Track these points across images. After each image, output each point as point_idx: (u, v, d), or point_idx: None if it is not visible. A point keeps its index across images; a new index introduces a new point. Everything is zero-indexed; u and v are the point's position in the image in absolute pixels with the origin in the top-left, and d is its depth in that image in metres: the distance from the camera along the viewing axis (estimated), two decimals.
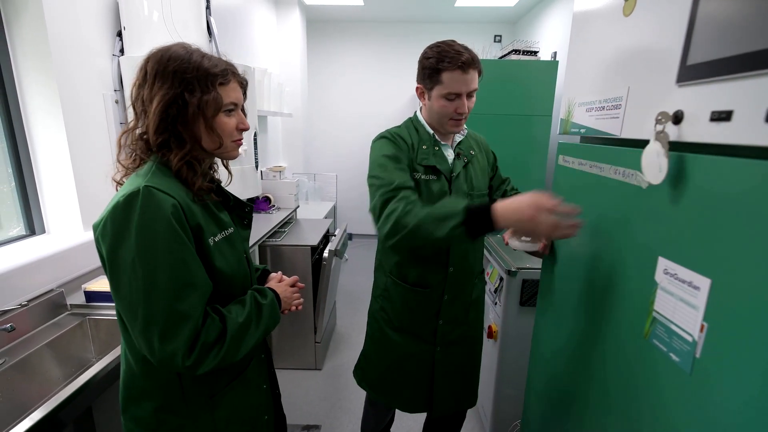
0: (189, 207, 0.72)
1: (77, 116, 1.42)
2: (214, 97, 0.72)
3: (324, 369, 2.46)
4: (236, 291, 0.84)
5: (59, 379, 1.21)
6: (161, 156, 0.74)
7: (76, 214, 1.43)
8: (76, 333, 1.28)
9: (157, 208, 0.66)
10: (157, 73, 0.71)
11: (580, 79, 0.90)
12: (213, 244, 0.77)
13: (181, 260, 0.68)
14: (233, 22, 2.65)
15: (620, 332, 0.71)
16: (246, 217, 0.93)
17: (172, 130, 0.72)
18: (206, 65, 0.72)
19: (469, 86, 1.05)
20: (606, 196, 0.77)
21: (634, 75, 0.70)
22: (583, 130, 0.87)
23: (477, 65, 1.04)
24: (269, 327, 0.86)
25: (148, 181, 0.69)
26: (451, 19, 4.26)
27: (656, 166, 0.60)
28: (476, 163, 1.21)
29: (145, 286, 0.66)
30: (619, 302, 0.72)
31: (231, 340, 0.75)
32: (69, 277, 1.35)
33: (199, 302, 0.71)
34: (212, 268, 0.77)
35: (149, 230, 0.66)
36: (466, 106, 1.07)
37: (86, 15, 1.44)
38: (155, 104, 0.70)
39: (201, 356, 0.70)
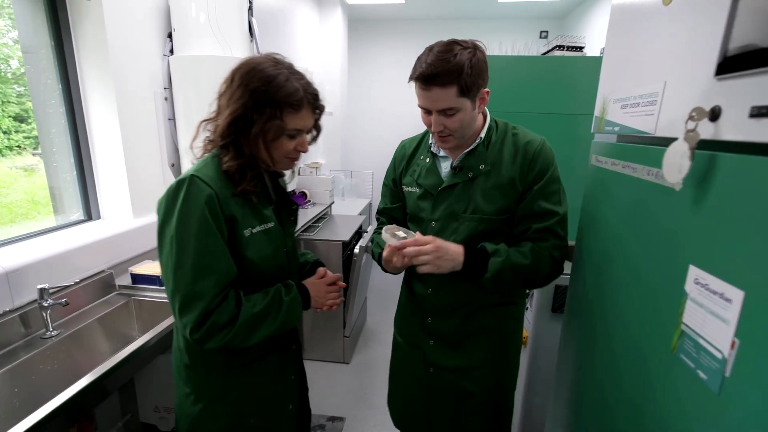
0: (226, 198, 0.79)
1: (130, 112, 1.54)
2: (278, 126, 0.79)
3: (352, 363, 2.50)
4: (268, 281, 0.89)
5: (107, 352, 1.33)
6: (222, 152, 0.83)
7: (127, 203, 1.56)
8: (123, 311, 1.39)
9: (195, 197, 0.76)
10: (239, 86, 0.78)
11: (616, 75, 0.85)
12: (249, 235, 0.83)
13: (205, 246, 0.76)
14: (276, 22, 2.75)
15: (647, 344, 0.66)
16: (292, 214, 1.00)
17: (234, 139, 0.81)
18: (284, 90, 0.78)
19: (433, 104, 0.87)
20: (639, 199, 0.72)
21: (671, 68, 0.65)
22: (617, 128, 0.82)
23: (443, 81, 0.82)
24: (286, 323, 0.88)
25: (197, 171, 0.79)
26: (495, 16, 4.15)
27: (676, 167, 0.55)
28: (488, 180, 0.96)
29: (175, 263, 0.76)
30: (647, 312, 0.67)
31: (241, 325, 0.80)
32: (118, 260, 1.48)
33: (215, 286, 0.78)
34: (243, 257, 0.83)
35: (186, 216, 0.76)
36: (437, 125, 0.89)
37: (141, 18, 1.56)
38: (227, 112, 0.79)
39: (209, 333, 0.78)
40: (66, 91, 1.46)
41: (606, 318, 0.82)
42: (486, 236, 0.98)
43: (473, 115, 0.91)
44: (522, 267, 0.93)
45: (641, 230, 0.71)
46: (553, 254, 0.94)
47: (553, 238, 0.95)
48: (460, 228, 0.99)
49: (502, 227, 0.98)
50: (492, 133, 0.99)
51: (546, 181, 0.95)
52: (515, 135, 0.99)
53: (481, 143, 0.97)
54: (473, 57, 0.84)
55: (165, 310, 1.40)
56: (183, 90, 1.61)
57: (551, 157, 0.97)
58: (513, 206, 0.97)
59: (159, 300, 1.41)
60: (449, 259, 0.91)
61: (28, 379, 1.08)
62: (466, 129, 0.93)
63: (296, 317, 0.91)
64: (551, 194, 0.95)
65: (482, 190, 0.96)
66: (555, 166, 0.97)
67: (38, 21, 1.38)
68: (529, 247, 0.95)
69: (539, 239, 0.95)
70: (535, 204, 0.95)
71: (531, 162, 0.95)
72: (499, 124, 1.01)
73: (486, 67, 0.88)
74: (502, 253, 0.93)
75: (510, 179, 0.95)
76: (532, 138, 0.98)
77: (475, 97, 0.88)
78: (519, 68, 2.20)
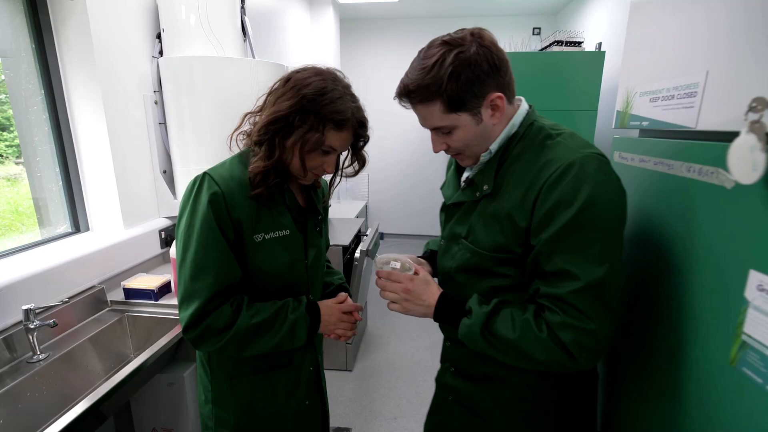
0: (234, 199, 0.77)
1: (118, 117, 1.45)
2: (317, 139, 0.77)
3: (355, 370, 2.43)
4: (281, 292, 0.86)
5: (100, 373, 1.25)
6: (255, 149, 0.81)
7: (117, 213, 1.48)
8: (116, 329, 1.31)
9: (203, 196, 0.76)
10: (292, 89, 0.77)
11: (642, 66, 0.80)
12: (260, 241, 0.81)
13: (205, 245, 0.75)
14: (267, 22, 2.68)
15: (701, 357, 0.61)
16: (318, 224, 0.95)
17: (271, 138, 0.78)
18: (332, 106, 0.76)
19: (423, 123, 0.76)
20: (676, 198, 0.67)
21: (715, 57, 0.60)
22: (645, 123, 0.77)
23: (421, 97, 0.69)
24: (285, 341, 0.82)
25: (213, 169, 0.80)
26: (489, 13, 4.12)
27: (748, 163, 0.50)
28: (489, 205, 0.76)
29: (181, 256, 0.77)
30: (697, 322, 0.62)
31: (235, 335, 0.78)
32: (109, 274, 1.39)
33: (211, 287, 0.76)
34: (251, 263, 0.81)
35: (193, 213, 0.76)
36: (437, 144, 0.77)
37: (127, 18, 1.48)
38: (271, 110, 0.77)
39: (202, 336, 0.76)
40: (49, 96, 1.37)
41: (650, 328, 0.77)
42: (482, 273, 0.78)
43: (482, 129, 0.72)
44: (504, 340, 0.70)
45: (681, 233, 0.66)
46: (561, 336, 0.65)
47: (566, 313, 0.65)
48: (457, 254, 0.83)
49: (501, 269, 0.75)
50: (515, 144, 0.75)
51: (566, 225, 0.64)
52: (544, 148, 0.71)
53: (492, 157, 0.77)
54: (461, 59, 0.66)
55: (161, 326, 1.32)
56: (174, 93, 1.54)
57: (586, 189, 0.63)
58: (514, 247, 0.72)
59: (155, 315, 1.33)
60: (420, 305, 0.80)
61: (15, 408, 0.99)
62: (474, 146, 0.75)
63: (300, 338, 0.84)
64: (574, 247, 0.64)
65: (482, 215, 0.77)
66: (592, 204, 0.63)
67: (17, 23, 1.29)
68: (524, 317, 0.70)
69: (547, 309, 0.68)
70: (545, 258, 0.67)
71: (541, 192, 0.67)
72: (531, 132, 0.74)
73: (492, 64, 0.68)
74: (478, 314, 0.72)
75: (507, 212, 0.71)
76: (558, 156, 0.67)
77: (476, 107, 0.69)
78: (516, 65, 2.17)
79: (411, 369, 2.43)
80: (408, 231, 4.92)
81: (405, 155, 4.69)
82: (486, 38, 0.68)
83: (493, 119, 0.72)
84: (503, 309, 0.73)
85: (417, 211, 4.84)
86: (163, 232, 1.63)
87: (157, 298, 1.35)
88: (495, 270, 0.76)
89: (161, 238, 1.62)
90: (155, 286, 1.35)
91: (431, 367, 2.44)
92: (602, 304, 0.64)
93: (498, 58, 0.68)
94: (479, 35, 0.68)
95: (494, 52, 0.68)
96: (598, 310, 0.64)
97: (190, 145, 1.57)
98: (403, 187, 4.79)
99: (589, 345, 0.65)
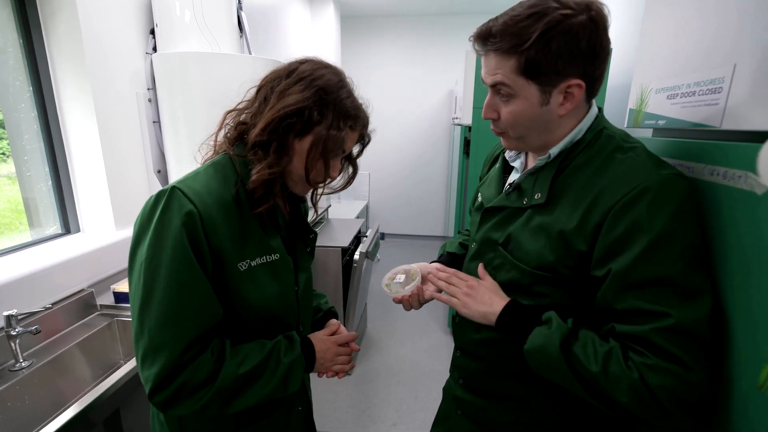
0: (212, 220, 0.62)
1: (110, 115, 1.41)
2: (341, 137, 0.67)
3: (353, 374, 2.39)
4: (268, 328, 0.71)
5: (89, 380, 1.21)
6: (251, 153, 0.67)
7: (109, 214, 1.43)
8: (105, 334, 1.27)
9: (173, 215, 0.60)
10: (302, 80, 0.66)
11: (659, 60, 0.75)
12: (245, 269, 0.67)
13: (178, 282, 0.60)
14: (267, 18, 2.63)
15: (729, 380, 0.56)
16: (309, 245, 0.82)
17: (280, 137, 0.65)
18: (350, 102, 0.68)
19: (485, 74, 0.65)
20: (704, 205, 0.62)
21: (744, 49, 0.54)
22: (662, 122, 0.72)
23: (499, 44, 0.59)
24: (279, 389, 0.69)
25: (183, 181, 0.63)
26: (490, 10, 4.05)
27: None
28: (539, 217, 0.67)
29: (142, 297, 0.60)
30: (723, 343, 0.57)
31: (219, 392, 0.63)
32: (100, 276, 1.35)
33: (184, 336, 0.60)
34: (236, 296, 0.67)
35: (160, 238, 0.59)
36: (488, 107, 0.67)
37: (119, 13, 1.43)
38: (281, 104, 0.64)
39: (176, 396, 0.60)
40: (38, 93, 1.33)
41: None
42: (516, 288, 0.71)
43: (544, 112, 0.62)
44: (583, 372, 0.59)
45: (710, 243, 0.60)
46: (647, 379, 0.55)
47: (657, 355, 0.55)
48: (494, 261, 0.75)
49: (539, 287, 0.67)
50: (579, 151, 0.65)
51: (641, 260, 0.55)
52: (613, 162, 0.61)
53: (550, 162, 0.67)
54: (561, 24, 0.56)
55: None
56: (168, 90, 1.49)
57: (666, 214, 0.55)
58: (562, 269, 0.64)
59: None
60: (482, 303, 0.71)
61: None
62: (525, 129, 0.65)
63: (295, 384, 0.71)
64: (653, 284, 0.55)
65: (527, 226, 0.68)
66: (676, 233, 0.55)
67: (4, 17, 1.25)
68: (607, 349, 0.59)
69: (632, 350, 0.58)
70: (618, 297, 0.58)
71: (609, 216, 0.58)
72: (599, 141, 0.64)
73: (591, 46, 0.57)
74: (560, 326, 0.62)
75: (561, 229, 0.62)
76: (630, 175, 0.58)
77: (550, 84, 0.60)
78: None
79: (410, 373, 2.38)
80: (409, 231, 4.87)
81: (406, 154, 4.64)
82: (598, 13, 0.57)
83: (561, 109, 0.62)
84: (582, 329, 0.63)
85: (418, 211, 4.79)
86: None
87: None
88: (533, 288, 0.68)
89: None
90: None
91: (431, 371, 2.40)
92: (699, 346, 0.54)
93: (601, 43, 0.58)
94: (592, 6, 0.57)
95: (600, 33, 0.58)
96: (695, 354, 0.54)
97: (184, 144, 1.53)
98: (404, 187, 4.74)
99: (688, 397, 0.55)
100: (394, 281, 0.80)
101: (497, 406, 0.80)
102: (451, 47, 4.25)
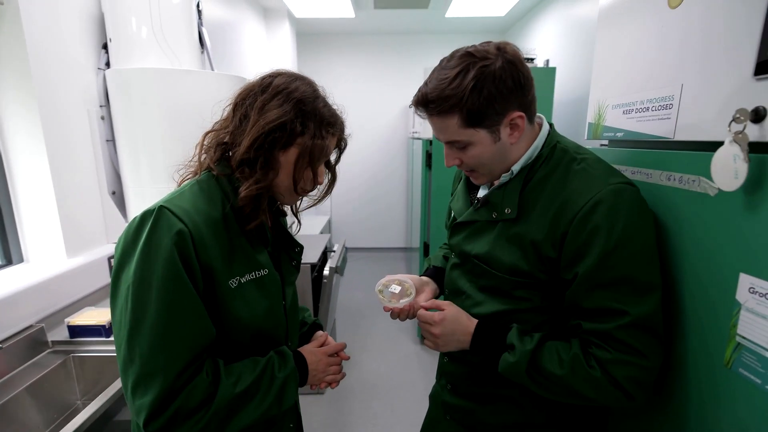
0: (203, 239, 0.62)
1: (59, 134, 1.31)
2: (327, 145, 0.69)
3: (327, 393, 2.33)
4: (255, 344, 0.71)
5: (41, 427, 1.08)
6: (237, 172, 0.66)
7: (59, 241, 1.31)
8: (59, 373, 1.15)
9: (162, 235, 0.59)
10: (281, 93, 0.66)
11: (612, 79, 0.84)
12: (235, 287, 0.66)
13: (172, 303, 0.58)
14: (223, 34, 2.58)
15: (698, 360, 0.62)
16: (295, 258, 0.82)
17: (267, 152, 0.65)
18: (328, 110, 0.70)
19: (438, 135, 0.72)
20: (658, 206, 0.70)
21: (688, 72, 0.63)
22: (620, 134, 0.81)
23: (439, 109, 0.66)
24: (275, 406, 0.68)
25: (169, 200, 0.62)
26: (442, 30, 4.26)
27: (731, 172, 0.53)
28: (511, 229, 0.73)
29: (131, 323, 0.58)
30: (690, 328, 0.64)
31: (216, 413, 0.61)
32: (50, 310, 1.23)
33: (179, 358, 0.59)
34: (227, 314, 0.66)
35: (149, 259, 0.58)
36: (449, 158, 0.74)
37: (68, 26, 1.35)
38: (263, 120, 0.64)
39: (172, 422, 0.58)
40: None
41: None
42: (497, 293, 0.76)
43: (499, 147, 0.69)
44: (551, 377, 0.67)
45: (670, 240, 0.68)
46: (613, 373, 0.63)
47: (617, 349, 0.63)
48: (477, 270, 0.79)
49: (518, 292, 0.73)
50: (539, 166, 0.72)
51: (603, 262, 0.62)
52: (569, 173, 0.69)
53: (515, 179, 0.73)
54: (485, 73, 0.63)
55: (114, 365, 1.18)
56: (125, 107, 1.41)
57: (622, 221, 0.62)
58: (538, 274, 0.70)
59: (106, 354, 1.18)
60: (454, 341, 0.77)
61: None
62: (489, 164, 0.72)
63: (289, 399, 0.71)
64: (614, 284, 0.62)
65: (501, 238, 0.74)
66: (631, 237, 0.62)
67: None
68: (572, 353, 0.66)
69: (594, 345, 0.65)
70: (584, 296, 0.65)
71: (572, 225, 0.64)
72: (556, 154, 0.71)
73: (516, 81, 0.65)
74: (522, 352, 0.68)
75: (532, 239, 0.69)
76: (587, 187, 0.65)
77: (495, 124, 0.67)
78: None
79: (384, 386, 2.37)
80: (371, 244, 4.88)
81: (366, 168, 4.68)
82: (511, 53, 0.65)
83: (512, 138, 0.69)
84: (547, 343, 0.69)
85: (381, 225, 4.82)
86: (112, 260, 1.47)
87: (108, 335, 1.20)
88: (513, 293, 0.74)
89: (111, 266, 1.46)
90: (106, 320, 1.20)
91: (404, 382, 2.40)
92: (654, 338, 0.63)
93: (523, 76, 0.66)
94: (505, 49, 0.65)
95: (520, 68, 0.65)
96: (651, 345, 0.63)
97: (143, 164, 1.44)
98: (365, 200, 4.77)
99: (647, 381, 0.64)
100: (389, 289, 0.82)
101: (487, 408, 0.83)
102: (407, 64, 4.40)
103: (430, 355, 2.66)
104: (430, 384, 2.37)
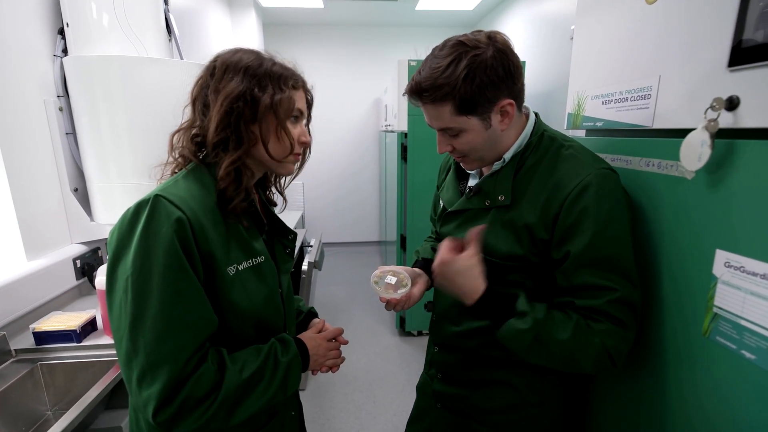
0: (201, 226, 0.62)
1: (13, 127, 1.20)
2: (289, 97, 0.67)
3: (308, 389, 2.31)
4: (255, 333, 0.71)
5: None
6: (213, 156, 0.67)
7: (17, 242, 1.22)
8: (26, 383, 1.07)
9: (161, 224, 0.58)
10: (228, 68, 0.66)
11: (591, 71, 0.88)
12: (234, 274, 0.66)
13: (175, 291, 0.58)
14: (188, 24, 2.46)
15: (678, 331, 0.67)
16: (288, 245, 0.82)
17: (235, 128, 0.65)
18: (279, 67, 0.69)
19: (431, 122, 0.74)
20: (638, 190, 0.74)
21: (666, 63, 0.67)
22: (599, 123, 0.85)
23: (432, 96, 0.68)
24: (280, 391, 0.69)
25: (163, 189, 0.62)
26: (412, 23, 4.27)
27: (696, 155, 0.57)
28: (505, 215, 0.75)
29: (133, 314, 0.57)
30: (670, 302, 0.69)
31: (224, 401, 0.61)
32: (11, 317, 1.14)
33: (185, 347, 0.59)
34: (226, 302, 0.65)
35: (148, 249, 0.58)
36: (442, 145, 0.76)
37: (18, 9, 1.24)
38: (221, 98, 0.64)
39: (180, 413, 0.58)
40: None
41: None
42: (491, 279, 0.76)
43: (491, 134, 0.72)
44: (553, 342, 0.68)
45: (651, 221, 0.72)
46: (606, 342, 0.67)
47: (609, 321, 0.67)
48: None
49: (511, 276, 0.76)
50: (529, 154, 0.75)
51: (592, 241, 0.66)
52: (559, 159, 0.73)
53: (506, 166, 0.76)
54: (477, 62, 0.65)
55: (86, 372, 1.11)
56: (87, 98, 1.32)
57: (608, 203, 0.67)
58: (531, 257, 0.73)
59: (78, 360, 1.11)
60: (456, 284, 0.74)
61: None
62: (480, 150, 0.75)
63: (294, 384, 0.71)
64: (602, 262, 0.67)
65: (495, 224, 0.76)
66: (615, 218, 0.67)
67: None
68: (575, 321, 0.69)
69: (590, 318, 0.69)
70: (575, 274, 0.69)
71: (563, 207, 0.68)
72: (543, 142, 0.75)
73: (507, 70, 0.67)
74: (532, 319, 0.69)
75: (526, 223, 0.72)
76: (576, 171, 0.69)
77: (486, 112, 0.69)
78: None
79: (365, 379, 2.38)
80: (346, 239, 4.86)
81: (338, 162, 4.64)
82: (501, 42, 0.68)
83: (502, 125, 0.72)
84: (551, 311, 0.71)
85: (354, 219, 4.81)
86: (78, 261, 1.38)
87: (80, 339, 1.13)
88: (507, 278, 0.76)
89: (76, 267, 1.37)
90: (77, 324, 1.13)
91: (386, 373, 2.42)
92: (630, 314, 0.68)
93: (513, 64, 0.68)
94: (495, 38, 0.68)
95: (510, 57, 0.68)
96: (632, 319, 0.68)
97: (109, 158, 1.36)
98: (338, 195, 4.73)
99: (626, 350, 0.69)
100: (384, 280, 0.82)
101: (480, 393, 0.86)
102: (377, 56, 4.38)
103: (410, 346, 2.70)
104: (411, 374, 2.42)
